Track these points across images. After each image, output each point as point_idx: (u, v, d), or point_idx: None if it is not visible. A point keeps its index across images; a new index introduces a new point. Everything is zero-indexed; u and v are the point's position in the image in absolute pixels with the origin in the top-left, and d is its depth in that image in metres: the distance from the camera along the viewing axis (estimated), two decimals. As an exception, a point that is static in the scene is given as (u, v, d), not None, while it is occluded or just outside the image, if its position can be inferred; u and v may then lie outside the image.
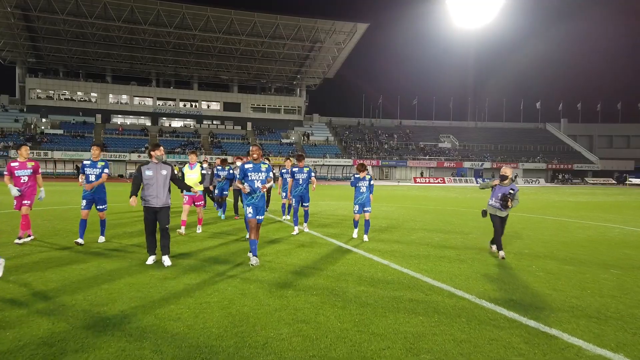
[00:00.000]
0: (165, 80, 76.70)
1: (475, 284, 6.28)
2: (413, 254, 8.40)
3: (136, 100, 72.81)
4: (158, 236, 7.19)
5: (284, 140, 73.20)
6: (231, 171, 13.46)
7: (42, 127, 63.44)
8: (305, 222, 11.30)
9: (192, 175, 10.51)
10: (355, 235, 10.21)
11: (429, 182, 64.79)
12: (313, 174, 11.26)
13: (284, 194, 12.62)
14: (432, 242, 9.87)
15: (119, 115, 71.51)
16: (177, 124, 74.66)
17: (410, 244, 9.54)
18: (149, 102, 73.27)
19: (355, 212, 9.98)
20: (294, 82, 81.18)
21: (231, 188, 14.03)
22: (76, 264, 7.10)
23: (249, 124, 75.55)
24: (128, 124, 70.87)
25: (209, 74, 76.60)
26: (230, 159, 14.87)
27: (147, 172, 7.00)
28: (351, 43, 69.90)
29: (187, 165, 10.77)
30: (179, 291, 5.69)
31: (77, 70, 71.49)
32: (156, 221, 7.14)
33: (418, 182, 64.39)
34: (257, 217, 7.25)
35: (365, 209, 9.87)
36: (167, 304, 5.17)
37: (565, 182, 74.27)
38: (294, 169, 11.05)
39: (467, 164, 73.95)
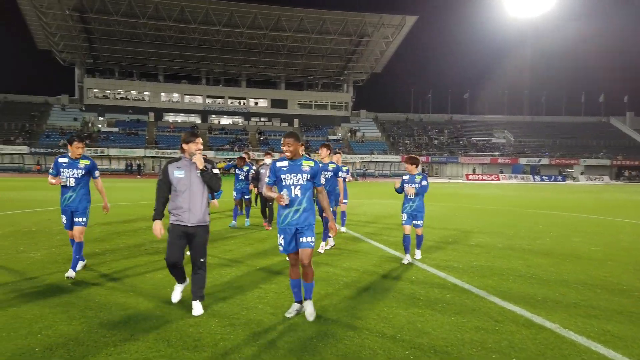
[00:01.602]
0: (215, 79, 77.77)
1: (556, 308, 5.13)
2: (474, 265, 7.27)
3: (187, 98, 74.33)
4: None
5: (331, 137, 72.39)
6: (252, 170, 11.46)
7: (99, 126, 65.90)
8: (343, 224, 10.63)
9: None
10: (406, 260, 7.28)
11: (482, 179, 61.99)
12: (345, 174, 9.33)
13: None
14: (495, 250, 8.67)
15: (171, 113, 73.23)
16: (225, 121, 75.58)
17: (470, 252, 8.39)
18: (198, 100, 74.59)
19: (404, 222, 7.35)
20: (341, 78, 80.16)
21: (254, 190, 11.94)
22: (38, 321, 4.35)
23: (296, 121, 75.29)
24: (179, 121, 72.42)
25: (257, 72, 76.98)
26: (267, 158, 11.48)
27: (177, 173, 4.72)
28: (400, 36, 68.03)
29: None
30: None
31: (131, 70, 73.79)
32: (185, 248, 4.81)
33: (470, 179, 61.77)
34: (306, 239, 4.60)
35: (416, 222, 7.31)
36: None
37: (632, 179, 68.98)
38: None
39: (523, 160, 70.24)
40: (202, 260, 4.82)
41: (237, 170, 11.71)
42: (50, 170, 6.30)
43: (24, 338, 4.04)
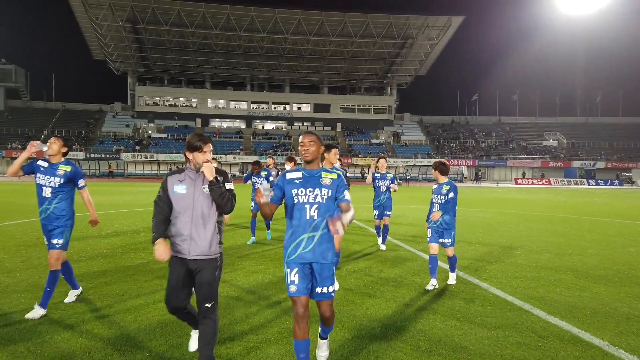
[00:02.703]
0: (259, 84, 79.16)
1: (606, 324, 4.82)
2: (519, 276, 6.97)
3: (232, 104, 76.04)
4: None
5: (374, 141, 71.96)
6: (271, 178, 9.86)
7: (149, 132, 68.49)
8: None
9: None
10: (431, 285, 6.14)
11: (532, 184, 59.70)
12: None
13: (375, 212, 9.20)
14: (542, 259, 8.28)
15: (217, 119, 75.12)
16: (269, 126, 76.68)
17: (515, 262, 8.05)
18: (243, 105, 76.11)
19: (429, 240, 6.32)
20: (384, 81, 79.58)
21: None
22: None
23: (339, 125, 75.36)
24: (224, 127, 74.16)
25: (300, 77, 77.69)
26: (270, 161, 10.96)
27: (177, 188, 3.48)
28: (445, 38, 66.86)
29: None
30: None
31: (180, 77, 76.37)
32: (191, 287, 3.56)
33: (520, 184, 59.62)
34: (326, 290, 3.44)
35: (442, 240, 6.22)
36: None
37: (700, 184, 64.31)
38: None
39: (576, 164, 67.07)
40: (208, 305, 3.41)
41: (253, 176, 9.95)
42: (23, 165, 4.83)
43: None
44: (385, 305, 5.40)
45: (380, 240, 9.21)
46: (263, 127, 76.35)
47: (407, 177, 60.57)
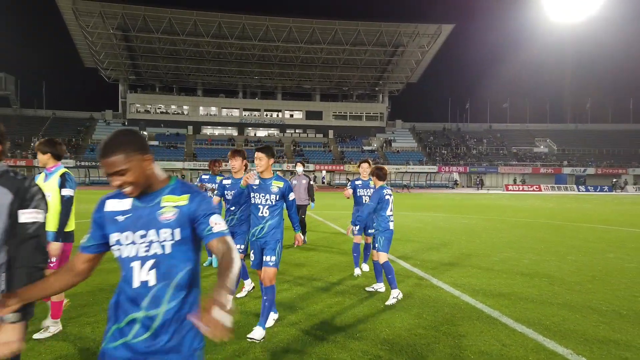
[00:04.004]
0: (251, 92, 79.17)
1: (573, 333, 4.77)
2: (493, 283, 6.92)
3: (224, 111, 75.93)
4: None
5: (366, 147, 72.09)
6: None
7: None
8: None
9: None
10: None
11: (523, 190, 59.93)
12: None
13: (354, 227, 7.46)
14: (520, 266, 8.24)
15: (209, 127, 74.94)
16: (261, 133, 76.62)
17: (491, 269, 8.01)
18: (235, 113, 76.03)
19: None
20: (376, 89, 79.92)
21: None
22: None
23: (331, 132, 75.46)
24: (216, 134, 74.00)
25: (292, 84, 77.85)
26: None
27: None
28: (436, 45, 67.39)
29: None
30: None
31: (171, 85, 76.24)
32: None
33: (510, 190, 59.85)
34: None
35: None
36: None
37: (688, 189, 64.85)
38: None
39: (566, 170, 67.49)
40: None
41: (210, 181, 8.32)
42: None
43: None
44: (349, 302, 5.32)
45: (357, 265, 7.45)
46: (255, 134, 76.25)
47: (407, 185, 60.40)
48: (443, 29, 64.41)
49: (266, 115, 76.75)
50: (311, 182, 10.42)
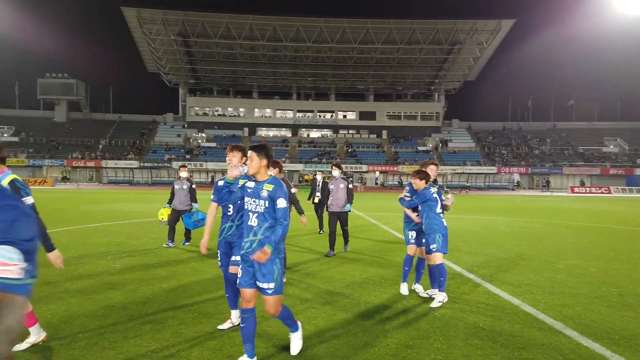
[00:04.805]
0: (305, 93, 79.96)
1: (647, 349, 4.37)
2: (556, 292, 6.50)
3: (278, 113, 77.23)
4: None
5: (420, 148, 70.80)
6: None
7: (199, 141, 70.65)
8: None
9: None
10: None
11: (590, 192, 56.48)
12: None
13: None
14: (586, 275, 7.70)
15: (263, 128, 76.48)
16: (315, 134, 77.20)
17: (554, 277, 7.53)
18: (289, 114, 77.10)
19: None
20: (432, 87, 78.29)
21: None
22: None
23: (384, 132, 74.75)
24: (271, 135, 75.36)
25: (346, 85, 77.86)
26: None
27: None
28: (495, 42, 65.09)
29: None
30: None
31: (228, 88, 78.49)
32: None
33: (576, 192, 56.58)
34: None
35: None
36: None
37: None
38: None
39: (639, 171, 62.96)
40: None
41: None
42: None
43: None
44: (404, 318, 5.17)
45: (405, 279, 6.34)
46: (308, 135, 76.96)
47: (466, 186, 58.57)
48: (503, 25, 62.07)
49: (319, 116, 77.25)
50: (350, 186, 9.49)
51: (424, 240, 6.10)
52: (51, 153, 62.92)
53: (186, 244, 10.04)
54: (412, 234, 6.23)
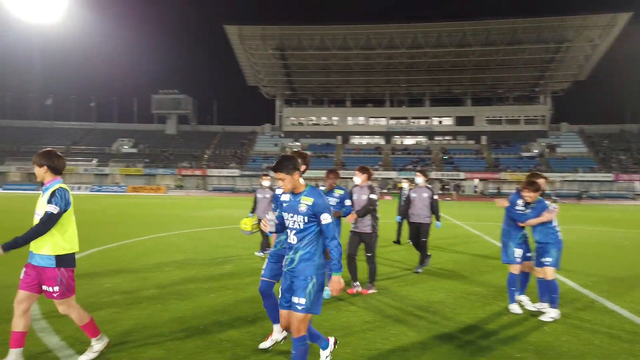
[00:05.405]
0: (399, 100, 78.97)
1: None
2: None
3: (371, 121, 77.16)
4: None
5: (524, 154, 66.33)
6: (347, 203, 6.18)
7: (295, 150, 72.76)
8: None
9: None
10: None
11: None
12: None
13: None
14: None
15: (356, 136, 76.82)
16: (408, 141, 75.84)
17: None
18: (382, 122, 76.66)
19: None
20: (536, 89, 73.24)
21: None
22: None
23: (484, 138, 71.14)
24: (364, 143, 75.43)
25: (441, 90, 75.66)
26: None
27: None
28: (609, 37, 59.41)
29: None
30: None
31: (322, 98, 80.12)
32: None
33: None
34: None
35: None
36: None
37: None
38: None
39: None
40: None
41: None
42: None
43: None
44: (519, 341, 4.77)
45: (515, 296, 5.74)
46: (402, 142, 75.80)
47: (580, 194, 53.79)
48: (618, 19, 56.42)
49: (413, 122, 75.81)
50: (434, 196, 8.34)
51: (528, 254, 5.71)
52: (164, 163, 68.76)
53: (260, 253, 9.43)
54: (519, 252, 5.65)
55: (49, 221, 3.59)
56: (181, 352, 4.06)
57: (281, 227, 3.59)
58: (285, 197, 3.49)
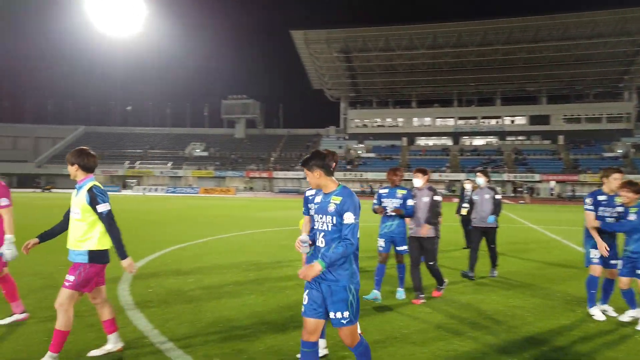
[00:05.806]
0: (467, 99, 76.54)
1: None
2: None
3: (438, 121, 75.32)
4: None
5: (607, 154, 61.90)
6: (410, 202, 6.23)
7: (359, 152, 72.79)
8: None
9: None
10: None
11: None
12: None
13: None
14: None
15: (422, 137, 75.33)
16: (478, 142, 73.22)
17: None
18: (450, 122, 74.62)
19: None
20: (620, 85, 68.16)
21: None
22: None
23: (560, 138, 67.12)
24: (430, 144, 73.82)
25: (513, 88, 72.47)
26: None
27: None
28: None
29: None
30: None
31: (386, 99, 79.46)
32: None
33: None
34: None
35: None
36: None
37: None
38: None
39: None
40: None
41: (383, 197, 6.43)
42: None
43: None
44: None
45: (593, 303, 5.42)
46: (471, 143, 73.32)
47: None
48: None
49: (483, 122, 73.09)
50: (497, 196, 7.83)
51: (612, 262, 5.34)
52: (233, 165, 71.31)
53: None
54: (596, 253, 5.33)
55: (110, 219, 3.71)
56: (262, 344, 4.22)
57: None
58: (318, 199, 3.30)
